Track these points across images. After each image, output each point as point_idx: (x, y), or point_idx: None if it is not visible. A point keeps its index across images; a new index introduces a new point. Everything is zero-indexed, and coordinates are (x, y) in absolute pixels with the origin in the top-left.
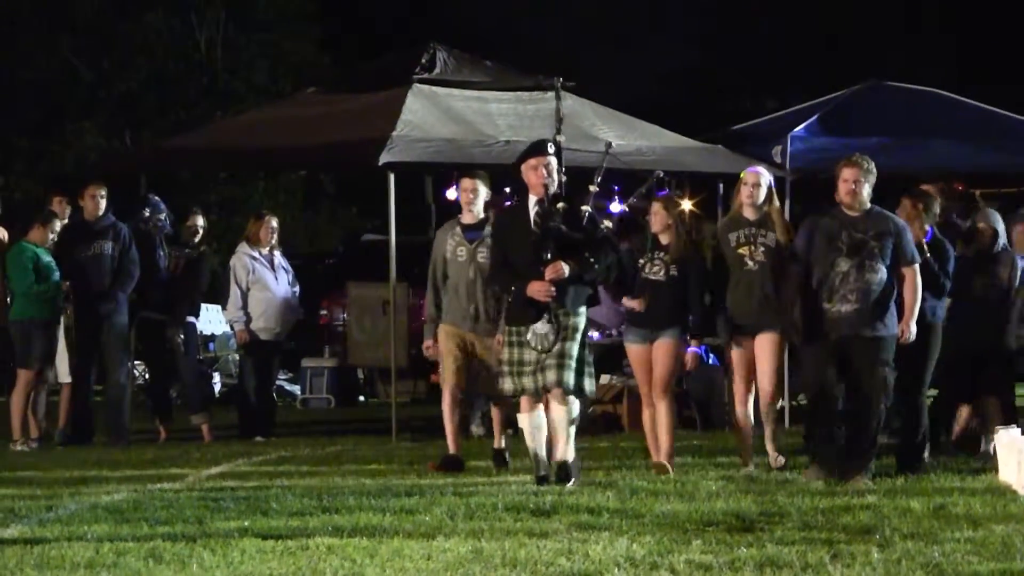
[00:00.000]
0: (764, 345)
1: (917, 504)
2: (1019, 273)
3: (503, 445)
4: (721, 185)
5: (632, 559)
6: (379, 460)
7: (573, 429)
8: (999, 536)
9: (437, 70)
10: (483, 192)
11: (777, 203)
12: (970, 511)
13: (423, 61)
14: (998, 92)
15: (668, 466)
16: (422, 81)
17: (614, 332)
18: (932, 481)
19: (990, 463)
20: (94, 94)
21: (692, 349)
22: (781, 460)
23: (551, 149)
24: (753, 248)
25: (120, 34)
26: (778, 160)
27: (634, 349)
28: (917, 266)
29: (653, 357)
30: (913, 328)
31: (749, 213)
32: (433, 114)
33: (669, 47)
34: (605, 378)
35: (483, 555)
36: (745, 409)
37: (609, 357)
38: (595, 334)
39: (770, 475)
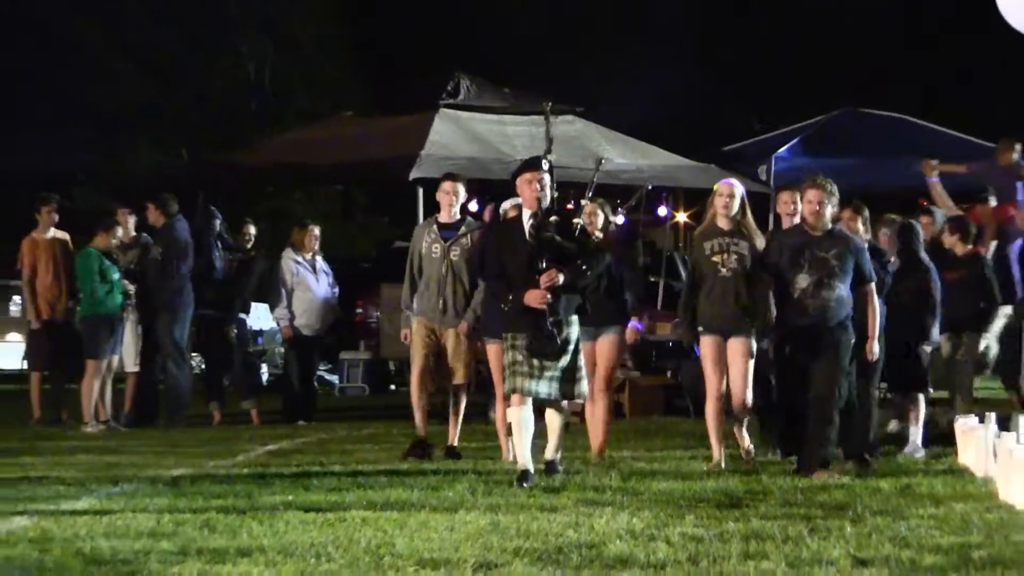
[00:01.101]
0: (736, 349)
1: (885, 484)
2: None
3: (425, 434)
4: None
5: (632, 531)
6: (408, 442)
7: (562, 432)
8: (958, 513)
9: (461, 96)
10: (462, 195)
11: (750, 214)
12: (933, 490)
13: (448, 88)
14: (959, 116)
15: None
16: (448, 106)
17: None
18: (899, 464)
19: (919, 452)
20: (155, 115)
21: (632, 324)
22: (752, 450)
23: (544, 165)
24: (726, 256)
25: (179, 62)
26: (763, 178)
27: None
28: (874, 284)
29: (597, 353)
30: (876, 348)
31: (723, 223)
32: (457, 135)
33: (669, 76)
34: None
35: (499, 527)
36: (717, 404)
37: None
38: None
39: (740, 465)
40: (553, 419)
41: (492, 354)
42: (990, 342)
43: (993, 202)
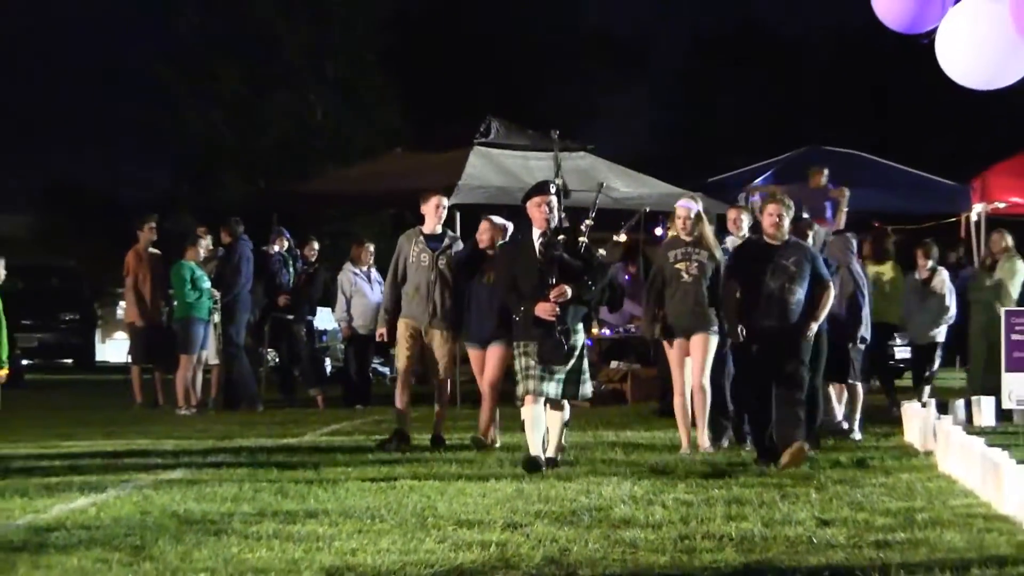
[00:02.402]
0: (697, 344)
1: (844, 458)
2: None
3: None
4: None
5: (634, 497)
6: (447, 423)
7: (565, 430)
8: (905, 482)
9: (492, 136)
10: (445, 210)
11: (707, 226)
12: (883, 463)
13: (481, 129)
14: (905, 152)
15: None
16: (481, 144)
17: (621, 330)
18: (855, 441)
19: (854, 435)
20: (238, 153)
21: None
22: (709, 447)
23: (552, 189)
24: (688, 264)
25: (258, 109)
26: (743, 204)
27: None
28: (831, 286)
29: None
30: (813, 328)
31: (684, 236)
32: (488, 168)
33: (663, 118)
34: (614, 363)
35: (524, 493)
36: (683, 400)
37: (617, 348)
38: (607, 331)
39: (700, 456)
40: (555, 419)
41: (474, 358)
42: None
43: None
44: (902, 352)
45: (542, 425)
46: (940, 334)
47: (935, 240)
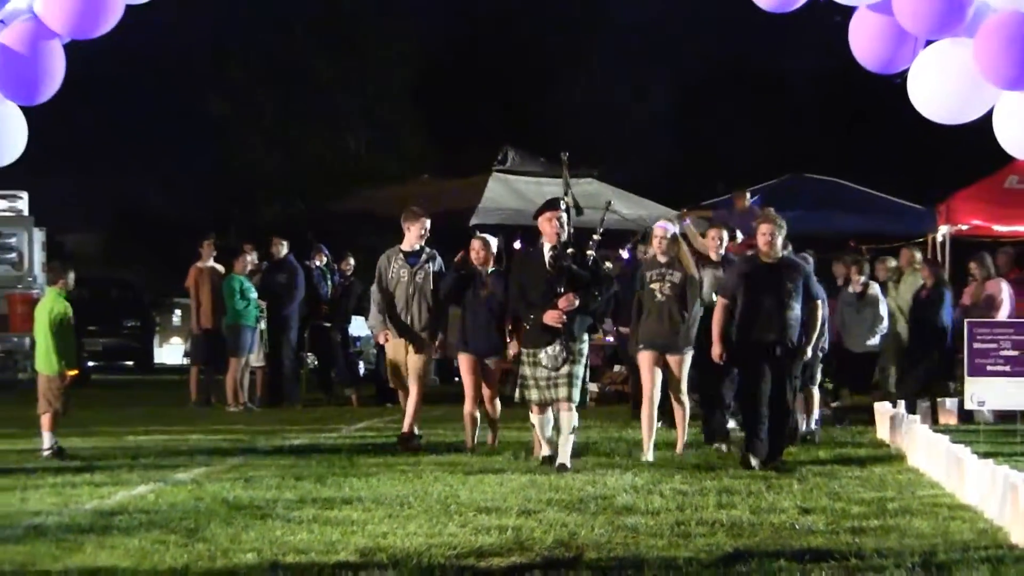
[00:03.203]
0: (673, 364)
1: (823, 453)
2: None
3: (414, 430)
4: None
5: (635, 487)
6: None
7: (573, 436)
8: (877, 474)
9: (508, 163)
10: (426, 229)
11: (684, 247)
12: (858, 457)
13: (499, 157)
14: (883, 179)
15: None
16: (498, 171)
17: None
18: (833, 438)
19: (816, 436)
20: (280, 176)
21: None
22: (680, 453)
23: (562, 206)
24: (663, 283)
25: (299, 138)
26: (732, 226)
27: (465, 362)
28: (820, 301)
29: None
30: (809, 350)
31: (661, 257)
32: (505, 192)
33: (661, 148)
34: (617, 367)
35: (536, 483)
36: (650, 407)
37: (621, 352)
38: (610, 338)
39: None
40: (564, 422)
41: (463, 364)
42: None
43: (740, 238)
44: None
45: (550, 425)
46: (876, 342)
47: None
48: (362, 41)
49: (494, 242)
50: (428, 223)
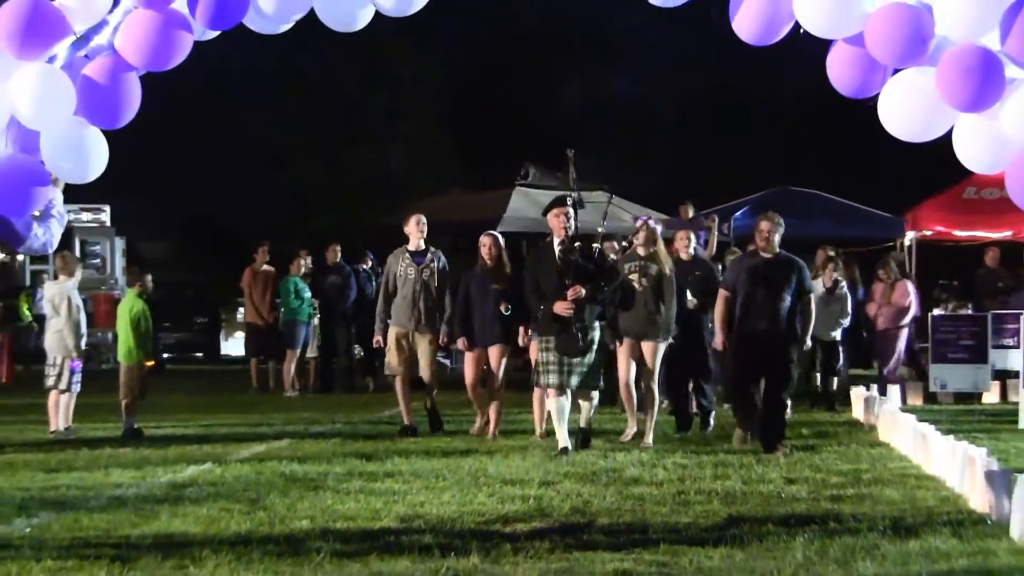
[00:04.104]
0: (648, 351)
1: (806, 430)
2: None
3: (410, 422)
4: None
5: (641, 461)
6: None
7: (593, 412)
8: (853, 449)
9: (529, 178)
10: (425, 228)
11: (661, 244)
12: (836, 434)
13: (521, 173)
14: (858, 190)
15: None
16: (520, 185)
17: None
18: (815, 418)
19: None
20: (327, 191)
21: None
22: (650, 444)
23: (569, 202)
24: (641, 275)
25: (344, 156)
26: (726, 232)
27: (470, 353)
28: (812, 295)
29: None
30: (808, 341)
31: (640, 250)
32: (527, 204)
33: (660, 162)
34: None
35: (555, 459)
36: (627, 389)
37: None
38: None
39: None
40: (584, 403)
41: (470, 357)
42: None
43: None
44: None
45: (567, 415)
46: (838, 334)
47: (877, 260)
48: (401, 75)
49: (502, 240)
50: (423, 218)
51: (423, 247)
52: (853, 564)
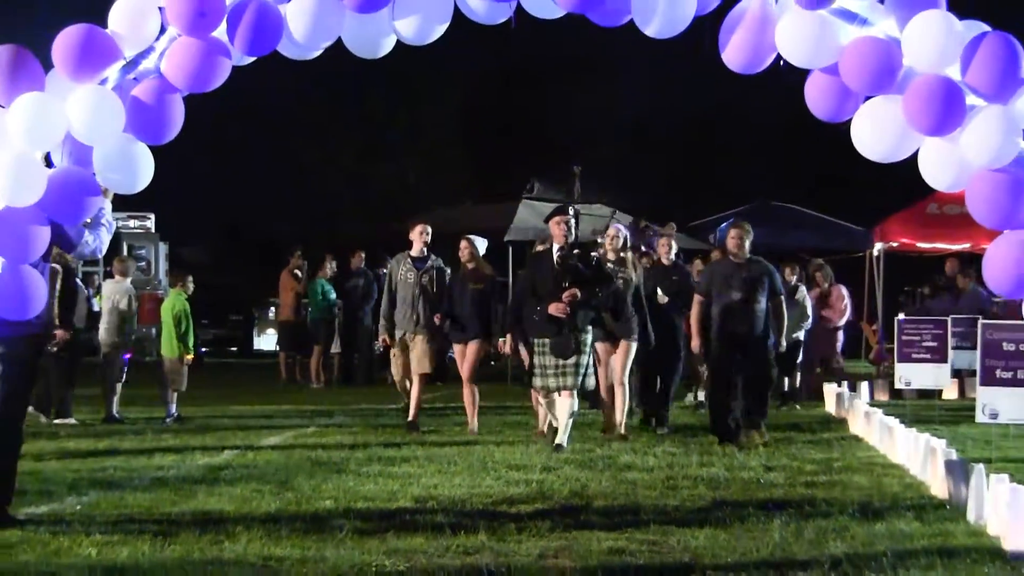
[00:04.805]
0: (620, 349)
1: (783, 422)
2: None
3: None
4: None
5: (634, 450)
6: (499, 396)
7: (571, 421)
8: (826, 440)
9: (535, 192)
10: (428, 236)
11: (630, 251)
12: (810, 426)
13: (527, 187)
14: (831, 204)
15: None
16: (527, 198)
17: None
18: (789, 413)
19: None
20: (351, 203)
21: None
22: (627, 435)
23: (570, 211)
24: (615, 279)
25: (364, 173)
26: (712, 241)
27: (458, 348)
28: (782, 297)
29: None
30: (784, 342)
31: (611, 256)
32: (533, 215)
33: (658, 180)
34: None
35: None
36: (607, 390)
37: None
38: None
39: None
40: (563, 408)
41: (458, 352)
42: None
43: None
44: None
45: (566, 414)
46: (801, 335)
47: (845, 270)
48: (420, 97)
49: (482, 244)
50: (428, 229)
51: (425, 253)
52: (825, 544)
